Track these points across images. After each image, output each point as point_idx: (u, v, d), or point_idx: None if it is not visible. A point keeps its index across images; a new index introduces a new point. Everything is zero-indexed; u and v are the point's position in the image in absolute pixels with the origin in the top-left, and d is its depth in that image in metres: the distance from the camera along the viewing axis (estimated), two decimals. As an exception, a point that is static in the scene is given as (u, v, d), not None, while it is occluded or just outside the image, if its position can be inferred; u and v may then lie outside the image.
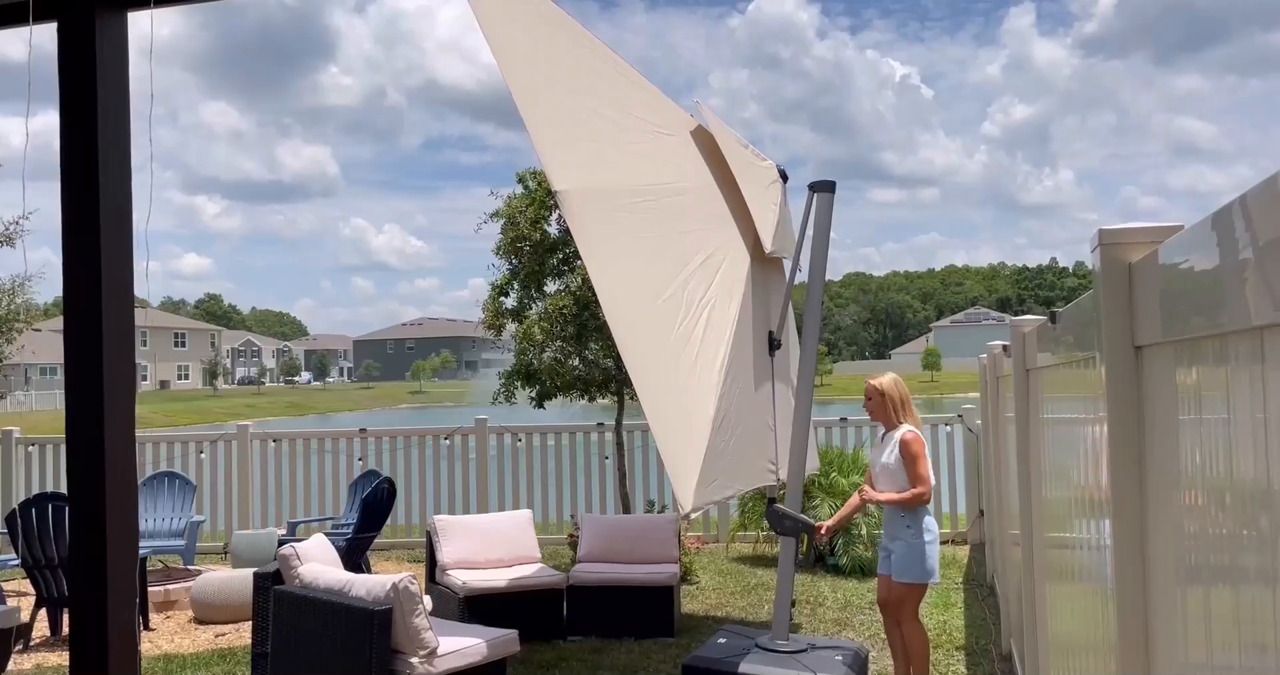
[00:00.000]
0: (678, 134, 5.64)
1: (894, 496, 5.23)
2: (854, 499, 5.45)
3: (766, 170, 6.03)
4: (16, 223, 16.80)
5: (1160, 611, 1.87)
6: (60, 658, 6.50)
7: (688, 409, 4.84)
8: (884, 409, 5.38)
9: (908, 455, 5.21)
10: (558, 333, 8.59)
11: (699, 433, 4.76)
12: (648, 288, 4.89)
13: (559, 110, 4.91)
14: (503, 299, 9.04)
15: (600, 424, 10.30)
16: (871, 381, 5.46)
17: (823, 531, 5.39)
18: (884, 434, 5.47)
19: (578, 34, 5.32)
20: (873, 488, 5.45)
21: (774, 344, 5.74)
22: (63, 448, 10.01)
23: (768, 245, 5.67)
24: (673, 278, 5.00)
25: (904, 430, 5.28)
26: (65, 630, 6.99)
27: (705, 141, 5.71)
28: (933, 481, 5.34)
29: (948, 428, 10.16)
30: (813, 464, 7.54)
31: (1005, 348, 5.56)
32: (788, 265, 6.11)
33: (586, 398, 9.10)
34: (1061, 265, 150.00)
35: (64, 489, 8.52)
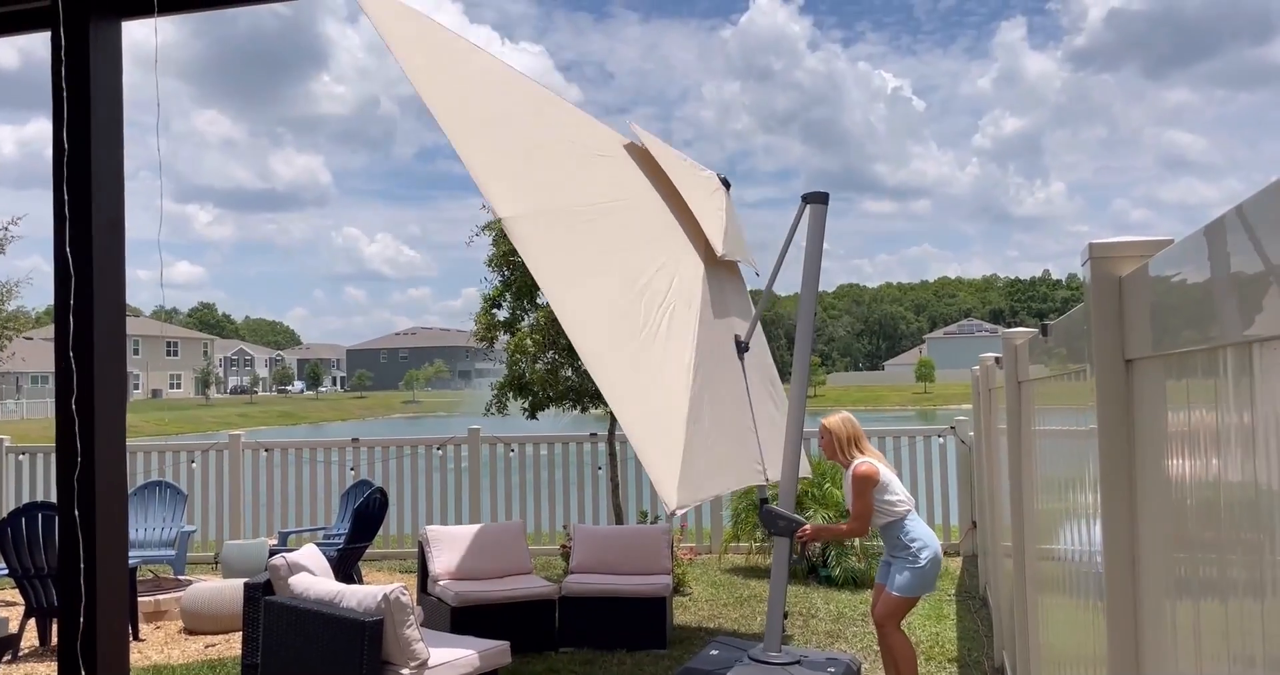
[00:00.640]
0: (614, 154, 5.77)
1: (829, 529, 5.48)
2: (842, 526, 5.54)
3: (707, 179, 6.18)
4: (5, 229, 16.75)
5: (1150, 623, 1.88)
6: (49, 668, 6.46)
7: (659, 411, 4.87)
8: (831, 447, 5.46)
9: (854, 487, 5.28)
10: (550, 344, 8.59)
11: (675, 433, 4.78)
12: (604, 300, 4.95)
13: (495, 145, 4.99)
14: (495, 311, 9.04)
15: (593, 434, 10.29)
16: (823, 420, 5.53)
17: (806, 531, 5.39)
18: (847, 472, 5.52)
19: (503, 73, 5.46)
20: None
21: (742, 348, 5.82)
22: (53, 457, 9.97)
23: (719, 248, 5.78)
24: (628, 288, 5.08)
25: (856, 463, 5.34)
26: (54, 640, 6.95)
27: (643, 159, 5.85)
28: (905, 508, 5.32)
29: (940, 439, 10.17)
30: (804, 470, 7.55)
31: (997, 360, 5.57)
32: (746, 270, 6.23)
33: (579, 408, 9.10)
34: (1054, 277, 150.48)
35: (54, 498, 8.48)
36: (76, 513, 2.66)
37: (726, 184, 6.34)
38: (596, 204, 5.24)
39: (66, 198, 2.66)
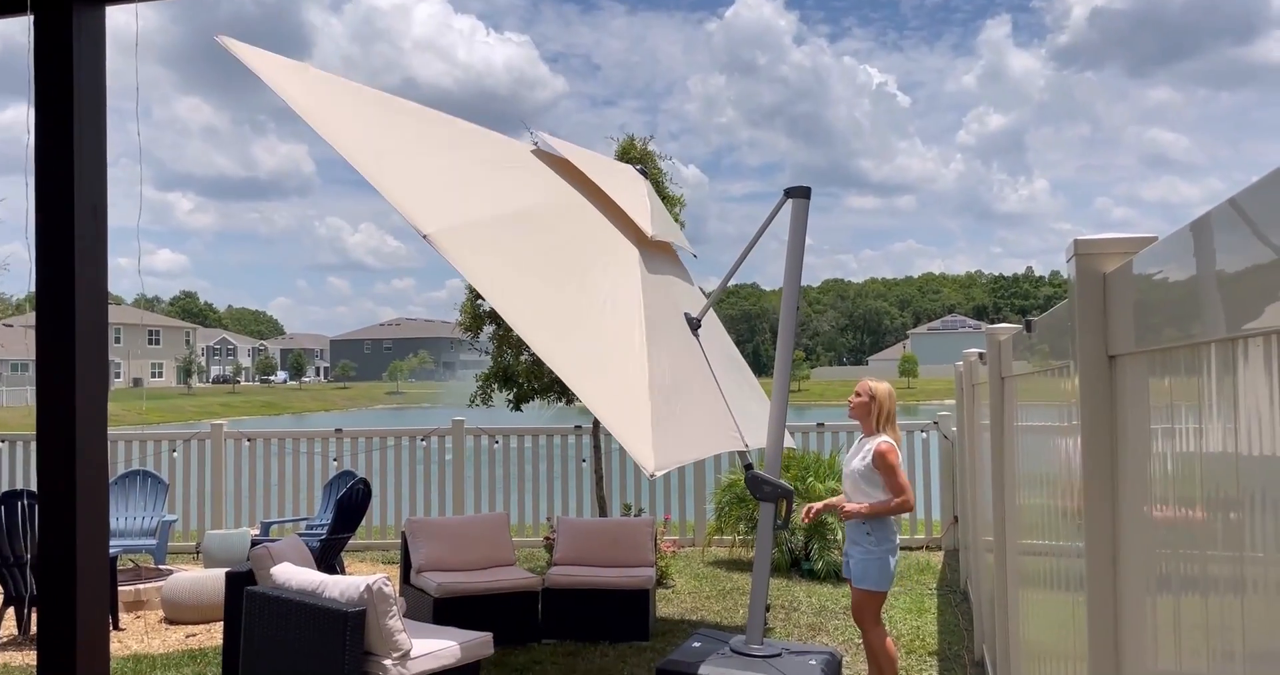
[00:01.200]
0: (526, 164, 5.93)
1: (880, 507, 5.25)
2: (838, 499, 5.46)
3: (624, 168, 6.45)
4: None
5: (1131, 619, 1.89)
6: (27, 657, 6.42)
7: (619, 385, 4.93)
8: (868, 413, 5.41)
9: (884, 466, 5.23)
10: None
11: (639, 402, 4.82)
12: (545, 296, 5.02)
13: (406, 169, 5.03)
14: (480, 301, 9.01)
15: (578, 427, 10.29)
16: (870, 382, 5.50)
17: (810, 513, 5.41)
18: (861, 439, 5.50)
19: (400, 104, 5.59)
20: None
21: (694, 324, 5.94)
22: (32, 445, 9.90)
23: (649, 229, 5.94)
24: (567, 281, 5.18)
25: (880, 440, 5.31)
26: (33, 629, 6.91)
27: (556, 164, 6.04)
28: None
29: (923, 434, 10.22)
30: (787, 441, 7.55)
31: (981, 355, 5.59)
32: (683, 254, 6.66)
33: (564, 401, 9.09)
34: (1038, 274, 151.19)
35: (34, 486, 8.44)
36: (57, 501, 2.64)
37: (645, 174, 6.65)
38: (517, 211, 5.33)
39: (48, 183, 2.63)
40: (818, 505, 5.51)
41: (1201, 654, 1.42)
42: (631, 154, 8.94)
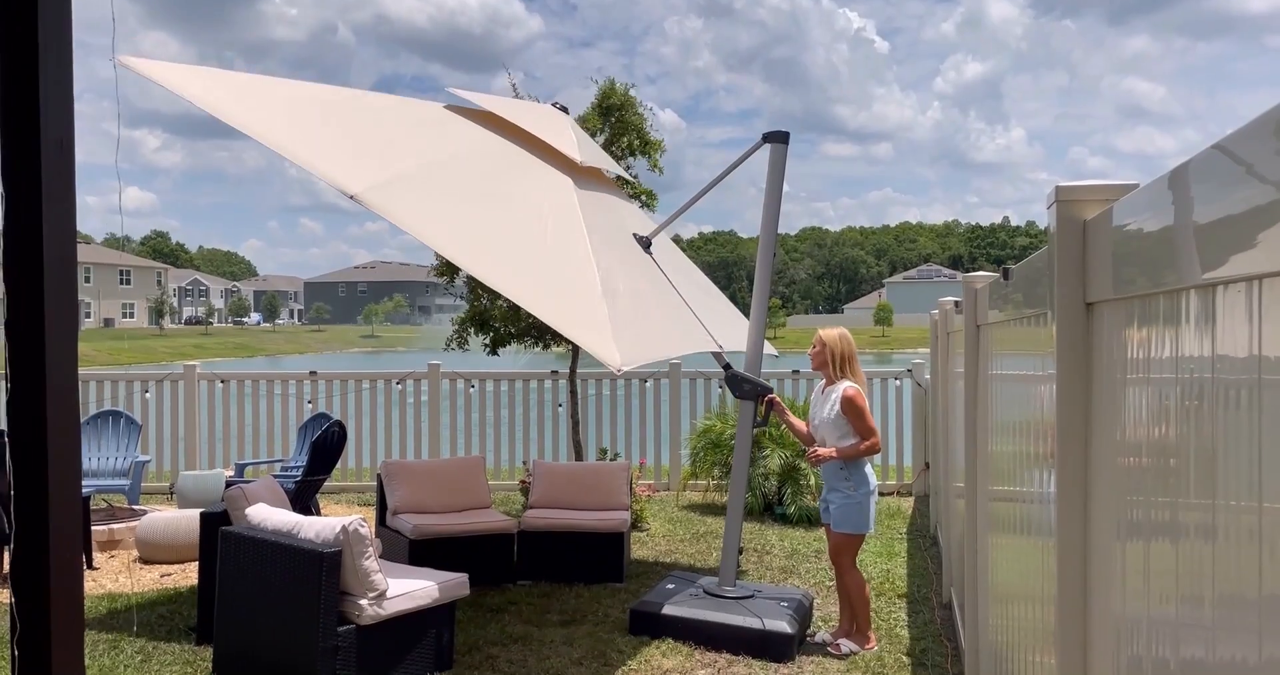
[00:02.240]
0: (440, 119, 6.01)
1: (848, 450, 5.29)
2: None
3: (544, 108, 6.65)
4: None
5: (1099, 564, 1.92)
6: (1, 595, 6.42)
7: (573, 295, 5.01)
8: (824, 361, 5.45)
9: (852, 410, 5.27)
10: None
11: (595, 307, 4.88)
12: (484, 233, 5.14)
13: (319, 139, 5.14)
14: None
15: (554, 372, 10.30)
16: (821, 332, 5.54)
17: (825, 453, 5.33)
18: (824, 387, 5.54)
19: (293, 84, 5.70)
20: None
21: (644, 243, 6.18)
22: (1, 384, 9.79)
23: (576, 156, 6.09)
24: (504, 215, 5.33)
25: (844, 385, 5.35)
26: (5, 568, 6.90)
27: (474, 117, 6.12)
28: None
29: (897, 382, 10.30)
30: (768, 349, 7.56)
31: (956, 304, 5.62)
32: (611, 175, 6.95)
33: (541, 345, 9.08)
34: (1014, 224, 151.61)
35: (4, 425, 8.37)
36: (27, 439, 2.61)
37: (565, 110, 6.82)
38: (441, 159, 5.42)
39: (13, 119, 2.56)
40: (822, 450, 5.40)
41: (1171, 599, 1.44)
42: (613, 99, 8.82)
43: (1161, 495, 1.50)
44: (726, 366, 5.82)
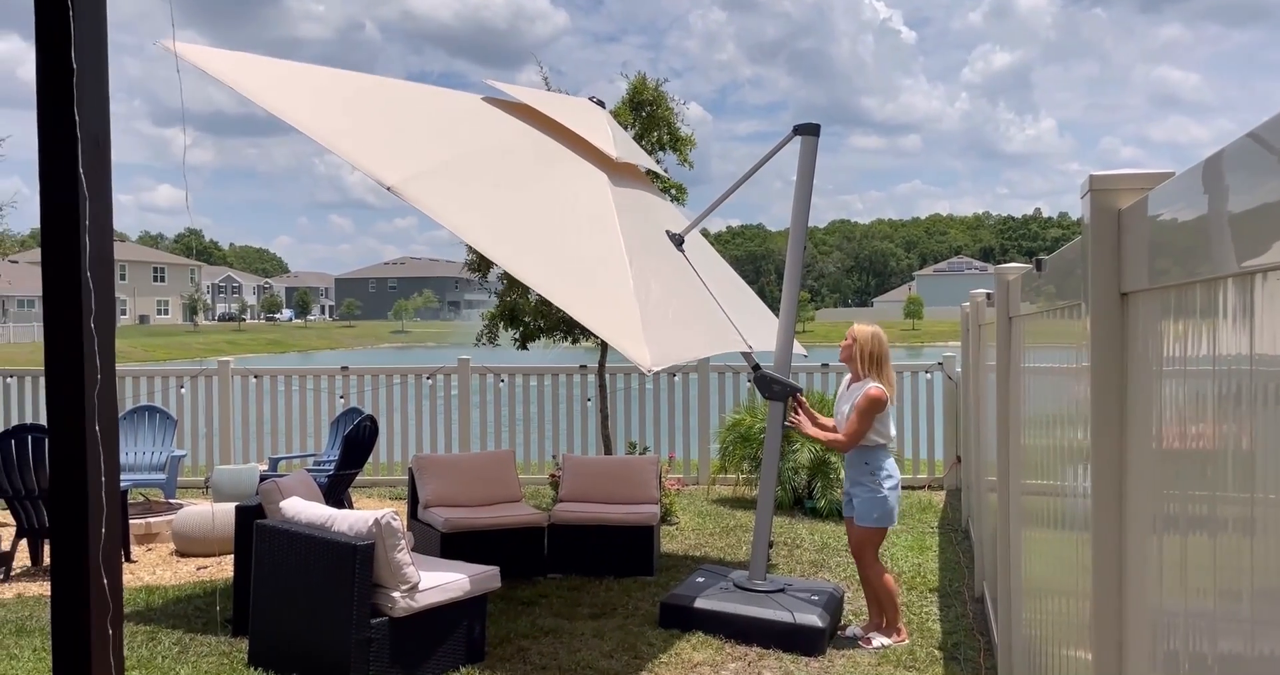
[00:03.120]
0: (479, 111, 6.01)
1: (819, 433, 5.50)
2: (839, 437, 5.47)
3: (579, 101, 6.65)
4: None
5: (1135, 558, 1.90)
6: (41, 588, 6.53)
7: (606, 292, 5.03)
8: (852, 356, 5.44)
9: (862, 403, 5.26)
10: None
11: (626, 306, 4.89)
12: (519, 227, 5.17)
13: (359, 129, 5.20)
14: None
15: (583, 366, 10.31)
16: (855, 326, 5.51)
17: (800, 422, 5.53)
18: (850, 382, 5.52)
19: (338, 74, 5.71)
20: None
21: (677, 241, 6.17)
22: (41, 380, 9.95)
23: (612, 152, 6.07)
24: (538, 205, 5.37)
25: (871, 385, 5.33)
26: (46, 561, 7.02)
27: (509, 108, 6.13)
28: (888, 441, 5.38)
29: (928, 375, 10.23)
30: (797, 349, 7.62)
31: (988, 296, 5.57)
32: (644, 168, 6.89)
33: (570, 340, 9.09)
34: (1046, 216, 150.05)
35: (42, 421, 8.50)
36: (67, 435, 2.65)
37: (601, 104, 6.83)
38: (472, 153, 5.44)
39: (51, 118, 2.60)
40: (805, 428, 5.58)
41: (1208, 592, 1.43)
42: (644, 94, 8.80)
43: (1198, 488, 1.49)
44: (755, 367, 5.81)
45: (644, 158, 7.07)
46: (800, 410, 5.72)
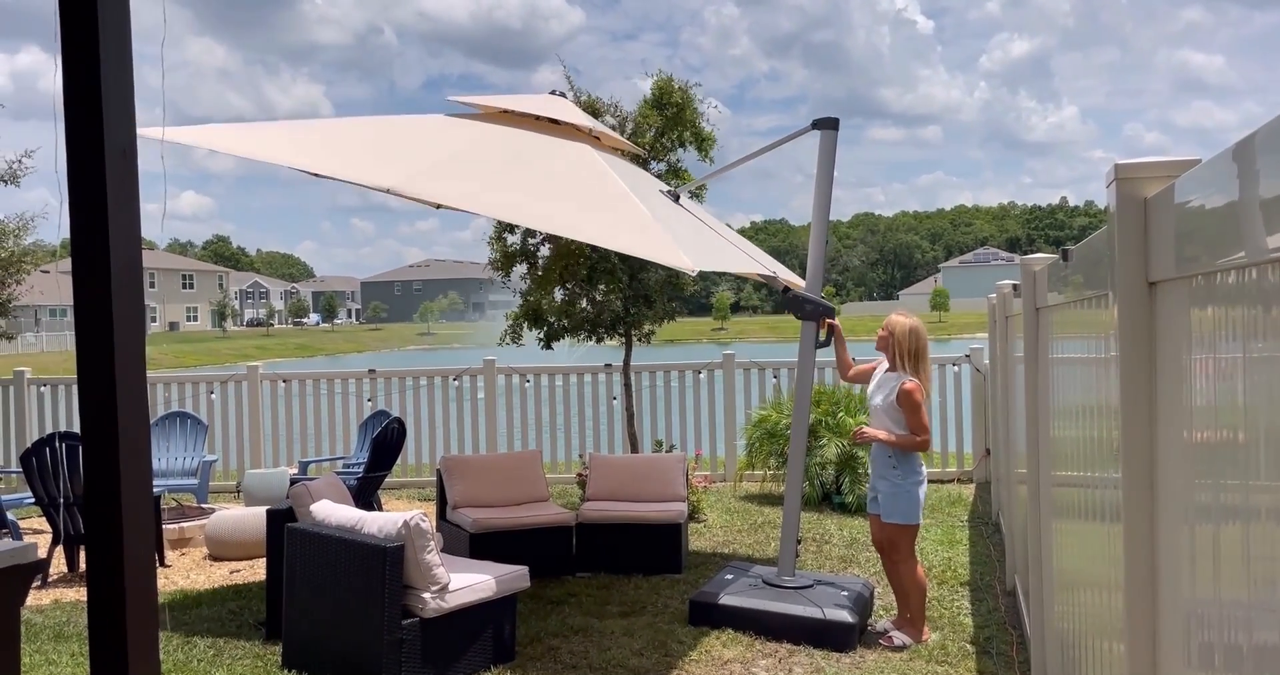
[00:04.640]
0: (452, 124, 6.35)
1: (894, 438, 5.24)
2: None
3: (543, 96, 7.03)
4: (19, 161, 16.60)
5: (1168, 549, 1.88)
6: (78, 594, 6.61)
7: (627, 220, 5.18)
8: (887, 347, 5.38)
9: (908, 404, 5.19)
10: (570, 274, 8.56)
11: (651, 228, 5.01)
12: (529, 189, 5.54)
13: (347, 153, 5.72)
14: (506, 235, 8.97)
15: (608, 365, 10.32)
16: (895, 316, 5.45)
17: (873, 435, 5.31)
18: (885, 370, 5.45)
19: (317, 122, 6.55)
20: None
21: (674, 196, 6.41)
22: (73, 388, 10.07)
23: (588, 125, 6.46)
24: (542, 174, 5.71)
25: (907, 379, 5.26)
26: (82, 566, 7.10)
27: (478, 117, 6.44)
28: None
29: (955, 368, 10.17)
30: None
31: (1015, 287, 5.53)
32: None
33: (594, 339, 9.10)
34: (1072, 204, 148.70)
35: (76, 429, 8.60)
36: (100, 442, 2.68)
37: (562, 95, 7.18)
38: (458, 151, 5.78)
39: (77, 127, 2.62)
40: (869, 430, 5.37)
41: (1242, 583, 1.41)
42: (672, 97, 8.77)
43: (1231, 478, 1.47)
44: (785, 290, 5.81)
45: (623, 141, 7.37)
46: (835, 335, 5.70)
